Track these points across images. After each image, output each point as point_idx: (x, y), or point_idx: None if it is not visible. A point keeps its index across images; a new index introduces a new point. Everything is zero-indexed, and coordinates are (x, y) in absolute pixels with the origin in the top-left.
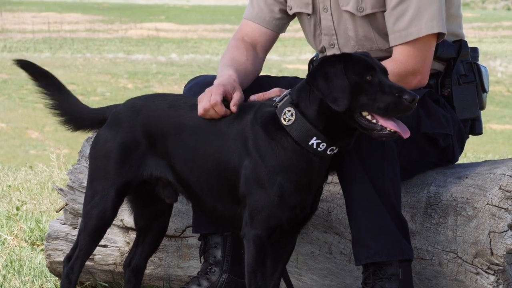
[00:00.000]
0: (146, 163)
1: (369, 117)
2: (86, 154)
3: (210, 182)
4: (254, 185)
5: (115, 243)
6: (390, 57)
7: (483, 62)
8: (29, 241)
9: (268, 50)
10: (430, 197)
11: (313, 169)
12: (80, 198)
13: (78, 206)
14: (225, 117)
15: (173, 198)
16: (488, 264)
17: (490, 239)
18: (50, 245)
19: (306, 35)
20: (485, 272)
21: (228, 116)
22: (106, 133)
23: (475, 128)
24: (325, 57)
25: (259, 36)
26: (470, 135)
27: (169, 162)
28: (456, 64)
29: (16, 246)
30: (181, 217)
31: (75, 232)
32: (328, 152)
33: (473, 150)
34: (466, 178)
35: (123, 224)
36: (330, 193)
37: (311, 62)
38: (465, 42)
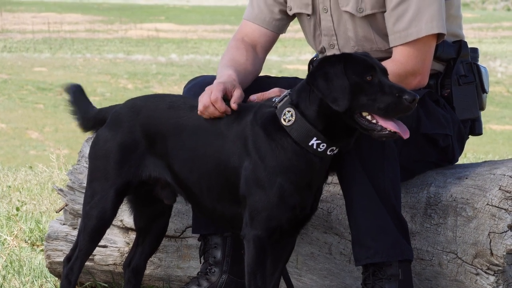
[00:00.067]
0: (145, 164)
1: (369, 117)
2: (86, 155)
3: (210, 183)
4: (254, 186)
5: (115, 244)
6: (390, 58)
7: (483, 63)
8: (29, 242)
9: (268, 51)
10: (430, 198)
11: (313, 170)
12: (80, 199)
13: (78, 207)
14: (225, 118)
15: (172, 199)
16: (488, 265)
17: (490, 240)
18: (50, 246)
19: (306, 36)
20: (485, 273)
21: (228, 117)
22: (106, 133)
23: (475, 129)
24: (325, 57)
25: (259, 37)
26: (470, 136)
27: (168, 163)
28: (456, 65)
29: (16, 247)
30: (181, 218)
31: (75, 233)
32: (328, 153)
33: (473, 151)
34: (466, 179)
35: (123, 225)
36: (330, 194)
37: (311, 63)
38: (465, 43)
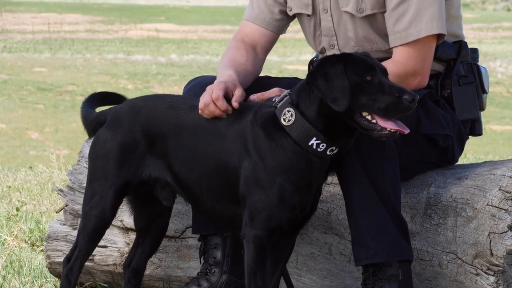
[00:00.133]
0: (145, 164)
1: (369, 117)
2: (86, 155)
3: (210, 183)
4: (254, 186)
5: (115, 244)
6: (390, 58)
7: (483, 63)
8: (29, 242)
9: (268, 51)
10: (430, 198)
11: (313, 170)
12: (80, 199)
13: (78, 207)
14: (225, 118)
15: (170, 201)
16: (488, 265)
17: (490, 240)
18: (50, 246)
19: (306, 36)
20: (485, 273)
21: (228, 117)
22: (106, 134)
23: (475, 129)
24: (325, 57)
25: (259, 37)
26: (470, 136)
27: (168, 163)
28: (456, 65)
29: (16, 247)
30: (181, 218)
31: (75, 233)
32: (328, 153)
33: (473, 151)
34: (466, 179)
35: (123, 225)
36: (330, 194)
37: (311, 63)
38: (465, 43)
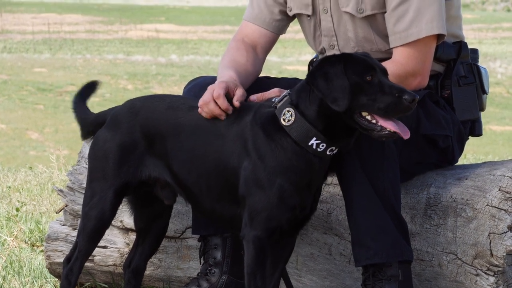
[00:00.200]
0: (145, 164)
1: (369, 117)
2: (86, 155)
3: (209, 183)
4: (254, 186)
5: (115, 244)
6: (390, 59)
7: (483, 64)
8: (29, 242)
9: (268, 51)
10: (430, 198)
11: (313, 170)
12: (80, 199)
13: (78, 207)
14: (224, 118)
15: (172, 200)
16: (488, 266)
17: (490, 241)
18: (50, 246)
19: (306, 37)
20: (485, 274)
21: (227, 117)
22: (105, 134)
23: (475, 130)
24: (325, 57)
25: (259, 38)
26: (470, 137)
27: (168, 163)
28: (456, 66)
29: (16, 247)
30: (181, 218)
31: (75, 233)
32: (328, 153)
33: (473, 152)
34: (466, 180)
35: (123, 225)
36: (330, 195)
37: (311, 64)
38: (465, 44)
